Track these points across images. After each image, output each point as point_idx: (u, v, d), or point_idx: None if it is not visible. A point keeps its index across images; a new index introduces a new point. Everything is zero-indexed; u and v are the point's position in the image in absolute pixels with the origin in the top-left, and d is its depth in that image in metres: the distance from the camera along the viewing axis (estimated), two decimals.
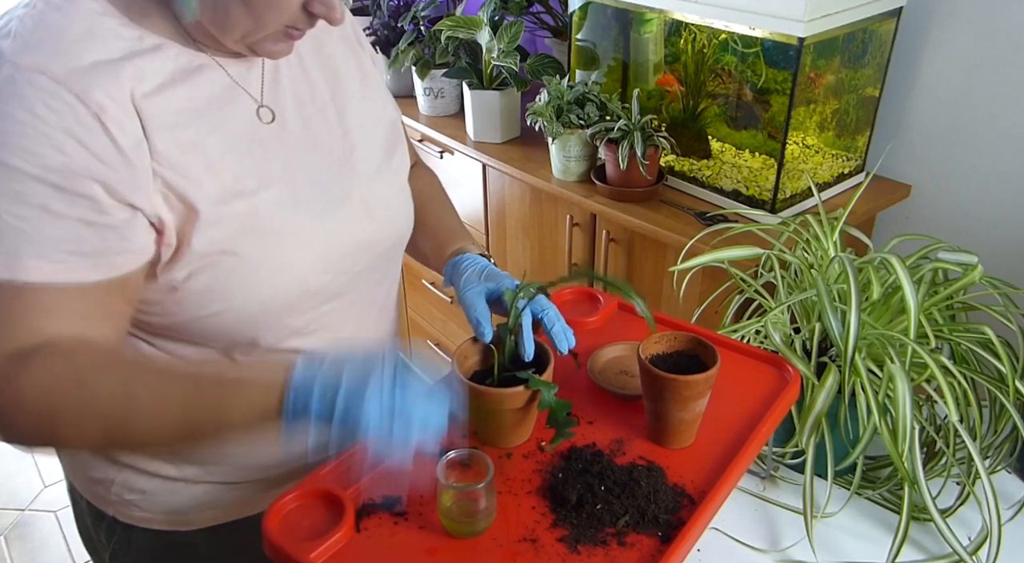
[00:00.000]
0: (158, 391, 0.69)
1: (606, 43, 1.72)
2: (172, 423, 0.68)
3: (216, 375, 0.71)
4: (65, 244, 0.67)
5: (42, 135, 0.65)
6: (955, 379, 0.92)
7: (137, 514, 0.90)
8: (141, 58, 0.71)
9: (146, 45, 0.71)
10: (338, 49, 0.90)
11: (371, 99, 0.92)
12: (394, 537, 0.70)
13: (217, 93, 0.76)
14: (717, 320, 1.16)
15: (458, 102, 2.05)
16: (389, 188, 0.91)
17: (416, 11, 2.02)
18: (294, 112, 0.83)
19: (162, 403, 0.68)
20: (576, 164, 1.67)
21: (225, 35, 0.72)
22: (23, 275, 0.66)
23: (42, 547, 2.22)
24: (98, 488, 0.91)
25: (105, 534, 0.93)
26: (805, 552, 0.93)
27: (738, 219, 1.46)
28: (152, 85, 0.71)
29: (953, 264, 1.00)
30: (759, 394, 0.85)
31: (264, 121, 0.80)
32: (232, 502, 0.91)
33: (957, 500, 0.98)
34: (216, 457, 0.88)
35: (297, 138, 0.82)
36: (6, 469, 2.49)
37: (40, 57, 0.66)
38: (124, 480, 0.89)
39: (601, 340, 0.94)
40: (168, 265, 0.74)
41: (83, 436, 0.68)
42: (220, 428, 0.69)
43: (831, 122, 1.54)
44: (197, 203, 0.72)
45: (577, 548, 0.68)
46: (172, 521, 0.91)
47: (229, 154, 0.75)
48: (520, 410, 0.77)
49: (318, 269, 0.81)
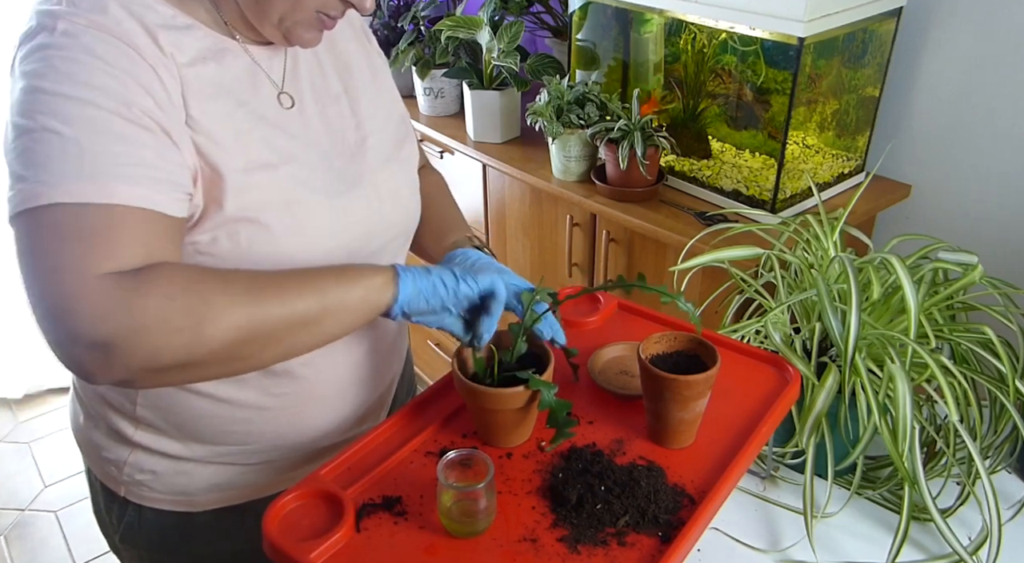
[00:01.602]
0: (280, 281, 0.72)
1: (606, 43, 1.72)
2: (299, 314, 0.72)
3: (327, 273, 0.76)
4: (145, 170, 0.69)
5: (106, 74, 0.68)
6: (955, 379, 0.92)
7: (147, 494, 0.92)
8: (176, 32, 0.75)
9: (179, 23, 0.76)
10: (351, 46, 0.94)
11: (381, 94, 0.96)
12: (394, 537, 0.70)
13: (241, 76, 0.80)
14: (717, 320, 1.16)
15: (458, 102, 2.05)
16: (398, 177, 0.94)
17: (416, 11, 2.02)
18: (311, 101, 0.87)
19: (290, 298, 0.71)
20: (576, 164, 1.67)
21: (264, 19, 0.77)
22: (116, 198, 0.67)
23: (42, 547, 2.22)
24: (111, 468, 0.93)
25: (116, 514, 0.96)
26: (805, 552, 0.93)
27: (738, 219, 1.46)
28: (187, 57, 0.75)
29: (953, 264, 1.00)
30: (759, 394, 0.85)
31: (284, 106, 0.84)
32: (240, 485, 0.93)
33: (957, 500, 0.98)
34: (224, 437, 0.90)
35: (314, 125, 0.86)
36: (6, 469, 2.49)
37: (93, 16, 0.70)
38: (136, 460, 0.91)
39: (601, 340, 0.94)
40: (194, 227, 0.76)
41: (225, 334, 0.68)
42: (341, 321, 0.75)
43: (831, 122, 1.54)
44: (223, 170, 0.75)
45: (577, 548, 0.68)
46: (180, 502, 0.93)
47: (253, 130, 0.79)
48: (520, 410, 0.77)
49: (332, 245, 0.84)
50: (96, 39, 0.69)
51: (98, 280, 0.65)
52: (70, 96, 0.67)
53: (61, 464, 2.49)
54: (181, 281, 0.67)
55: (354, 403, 0.97)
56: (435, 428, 0.83)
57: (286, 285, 0.72)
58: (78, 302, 0.64)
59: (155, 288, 0.66)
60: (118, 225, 0.67)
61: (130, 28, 0.71)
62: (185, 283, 0.67)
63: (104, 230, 0.66)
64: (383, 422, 0.83)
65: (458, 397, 0.85)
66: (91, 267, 0.65)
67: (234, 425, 0.89)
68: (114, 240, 0.67)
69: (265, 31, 0.79)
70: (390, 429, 0.83)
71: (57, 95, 0.67)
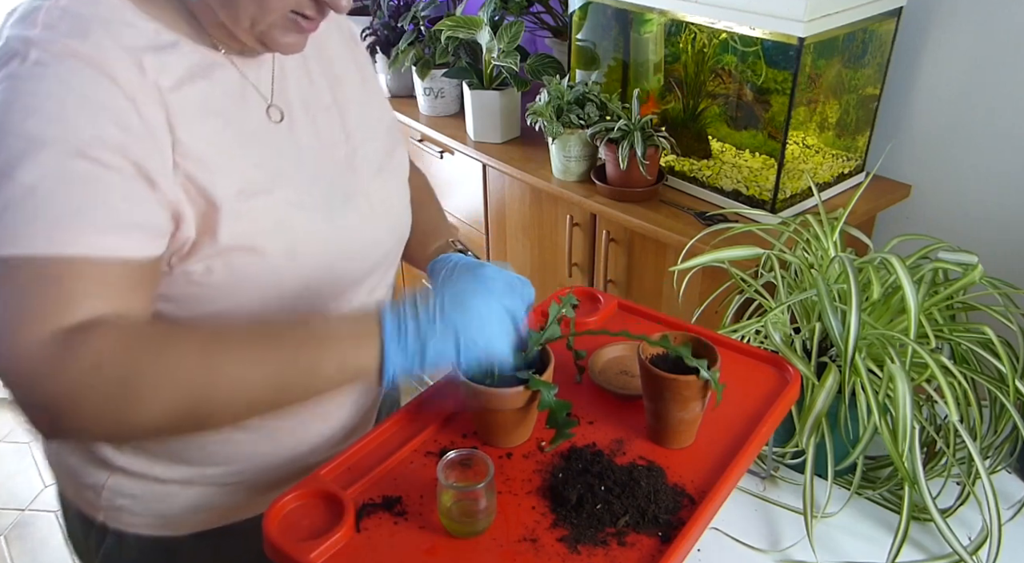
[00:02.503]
0: (241, 356, 0.67)
1: (606, 43, 1.72)
2: (258, 387, 0.68)
3: (300, 335, 0.70)
4: (109, 216, 0.66)
5: (78, 109, 0.65)
6: (955, 379, 0.92)
7: (127, 519, 0.89)
8: (161, 52, 0.71)
9: (163, 41, 0.72)
10: (338, 51, 0.91)
11: (370, 102, 0.93)
12: (394, 537, 0.70)
13: (230, 91, 0.77)
14: (717, 320, 1.16)
15: (458, 102, 2.05)
16: (390, 186, 0.92)
17: (416, 11, 2.02)
18: (301, 113, 0.84)
19: (245, 368, 0.67)
20: (576, 164, 1.67)
21: (236, 24, 0.73)
22: (69, 248, 0.64)
23: (42, 547, 2.22)
24: (88, 493, 0.89)
25: (95, 540, 0.92)
26: (805, 552, 0.93)
27: (738, 219, 1.46)
28: (172, 79, 0.72)
29: (953, 264, 1.00)
30: (759, 394, 0.85)
31: (273, 120, 0.81)
32: (222, 506, 0.91)
33: (957, 500, 0.98)
34: (208, 458, 0.87)
35: (305, 139, 0.83)
36: (6, 469, 2.49)
37: (70, 42, 0.66)
38: (115, 484, 0.88)
39: (601, 340, 0.94)
40: (186, 257, 0.74)
41: (162, 408, 0.64)
42: (309, 390, 0.70)
43: (831, 122, 1.54)
44: (217, 198, 0.72)
45: (577, 548, 0.68)
46: (162, 526, 0.89)
47: (243, 150, 0.76)
48: (520, 410, 0.77)
49: (325, 263, 0.82)
50: (70, 70, 0.65)
51: (37, 341, 0.62)
52: (33, 137, 0.64)
53: None
54: (114, 346, 0.63)
55: (339, 421, 0.95)
56: (435, 428, 0.83)
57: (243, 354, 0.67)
58: (15, 364, 0.62)
59: (86, 353, 0.62)
60: (66, 277, 0.64)
61: (109, 55, 0.67)
62: (119, 349, 0.63)
63: (50, 284, 0.63)
64: (383, 422, 0.83)
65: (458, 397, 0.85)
66: (32, 326, 0.62)
67: (219, 445, 0.86)
68: (59, 296, 0.63)
69: (242, 37, 0.74)
70: (390, 429, 0.82)
71: (19, 136, 0.64)
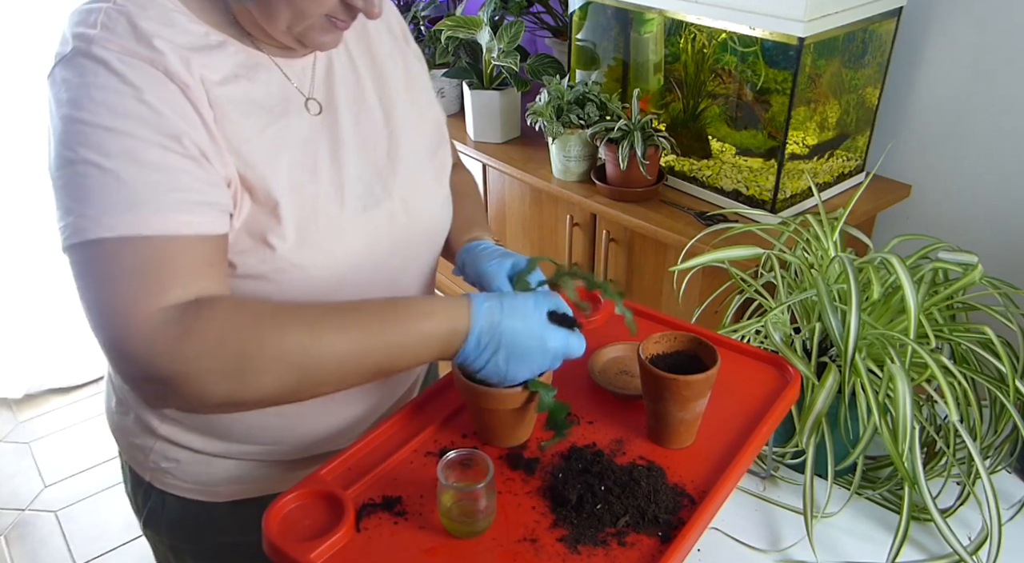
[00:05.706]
0: (342, 328, 0.71)
1: (606, 43, 1.72)
2: (357, 360, 0.71)
3: (395, 311, 0.74)
4: (185, 197, 0.70)
5: (141, 102, 0.69)
6: (955, 379, 0.92)
7: (170, 481, 0.95)
8: (209, 52, 0.76)
9: (212, 41, 0.76)
10: (386, 48, 0.93)
11: (416, 101, 0.95)
12: (394, 537, 0.70)
13: (272, 90, 0.81)
14: (717, 320, 1.16)
15: (458, 102, 2.05)
16: (429, 188, 0.94)
17: (416, 11, 2.02)
18: (345, 109, 0.86)
19: (347, 340, 0.71)
20: (576, 164, 1.67)
21: (274, 27, 0.76)
22: (158, 229, 0.68)
23: (42, 547, 2.22)
24: (138, 454, 0.95)
25: (142, 498, 0.98)
26: (805, 552, 0.93)
27: (738, 219, 1.46)
28: (219, 77, 0.76)
29: (953, 264, 1.00)
30: (759, 394, 0.85)
31: (312, 113, 0.84)
32: (257, 479, 0.95)
33: (957, 500, 0.98)
34: (247, 435, 0.91)
35: (346, 134, 0.85)
36: (6, 469, 2.49)
37: (126, 42, 0.71)
38: (161, 449, 0.93)
39: (601, 340, 0.94)
40: None
41: (274, 381, 0.69)
42: (398, 363, 0.74)
43: (831, 122, 1.54)
44: (256, 189, 0.76)
45: (577, 548, 0.68)
46: (200, 491, 0.95)
47: (284, 148, 0.80)
48: (520, 410, 0.77)
49: (357, 261, 0.84)
50: (130, 67, 0.70)
51: (147, 319, 0.66)
52: (107, 127, 0.68)
53: (61, 464, 2.48)
54: (234, 323, 0.68)
55: (378, 399, 0.97)
56: (435, 428, 0.83)
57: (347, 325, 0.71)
58: (129, 342, 0.66)
59: (208, 329, 0.67)
60: (158, 255, 0.68)
61: (163, 54, 0.71)
62: (239, 326, 0.68)
63: (148, 264, 0.68)
64: (383, 422, 0.83)
65: (458, 397, 0.85)
66: (139, 305, 0.66)
67: (257, 425, 0.90)
68: (158, 274, 0.68)
69: (280, 38, 0.78)
70: (390, 429, 0.83)
71: (95, 127, 0.68)
